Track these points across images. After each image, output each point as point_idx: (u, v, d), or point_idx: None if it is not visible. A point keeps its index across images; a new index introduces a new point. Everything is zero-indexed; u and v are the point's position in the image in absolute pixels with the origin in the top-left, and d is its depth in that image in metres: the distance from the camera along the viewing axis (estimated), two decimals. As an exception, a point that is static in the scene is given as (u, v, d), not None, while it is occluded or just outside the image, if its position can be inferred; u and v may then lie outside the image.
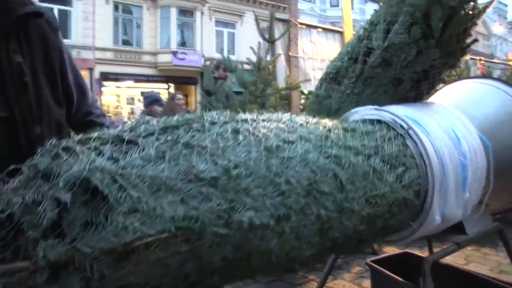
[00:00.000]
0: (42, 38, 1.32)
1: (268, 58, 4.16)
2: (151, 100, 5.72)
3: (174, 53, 23.03)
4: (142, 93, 24.67)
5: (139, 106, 24.66)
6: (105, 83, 22.80)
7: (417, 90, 2.08)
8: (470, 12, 1.96)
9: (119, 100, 24.66)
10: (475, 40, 2.11)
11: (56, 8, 21.13)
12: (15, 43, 1.23)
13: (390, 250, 3.57)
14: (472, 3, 1.95)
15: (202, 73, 24.56)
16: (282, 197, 1.11)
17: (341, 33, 5.22)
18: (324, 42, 4.95)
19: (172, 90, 25.62)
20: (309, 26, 5.14)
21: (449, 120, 1.88)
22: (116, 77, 22.92)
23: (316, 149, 1.29)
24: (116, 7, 23.00)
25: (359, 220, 1.36)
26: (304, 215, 1.18)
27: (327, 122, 1.57)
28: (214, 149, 1.06)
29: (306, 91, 4.55)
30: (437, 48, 1.87)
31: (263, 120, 1.31)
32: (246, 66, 4.84)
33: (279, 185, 1.12)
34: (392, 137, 1.61)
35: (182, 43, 23.91)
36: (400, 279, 2.00)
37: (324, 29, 5.52)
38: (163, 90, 25.40)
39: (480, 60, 8.78)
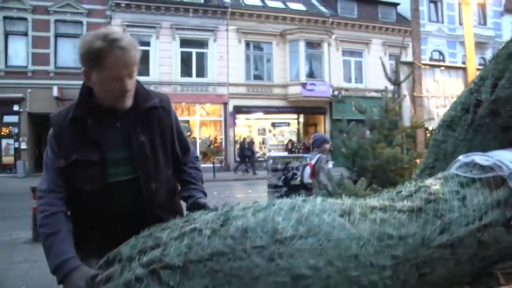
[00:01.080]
0: (158, 121, 1.88)
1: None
2: (321, 141, 6.47)
3: (303, 85, 23.91)
4: (273, 124, 26.01)
5: (270, 136, 25.96)
6: (238, 115, 24.43)
7: (526, 135, 2.32)
8: None
9: (250, 131, 26.11)
10: None
11: (194, 51, 23.71)
12: (140, 128, 1.82)
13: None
14: None
15: (330, 102, 25.20)
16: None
17: (464, 69, 5.29)
18: (447, 79, 5.10)
19: (301, 120, 26.55)
20: (432, 66, 5.34)
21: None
22: (248, 110, 24.46)
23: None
24: (247, 45, 24.81)
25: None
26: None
27: None
28: None
29: (430, 128, 4.76)
30: (541, 99, 2.13)
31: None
32: (373, 94, 5.11)
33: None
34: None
35: (311, 75, 24.71)
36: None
37: (447, 67, 5.64)
38: (292, 121, 26.48)
39: None
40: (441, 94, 5.06)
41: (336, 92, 25.07)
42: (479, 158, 2.10)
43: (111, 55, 1.61)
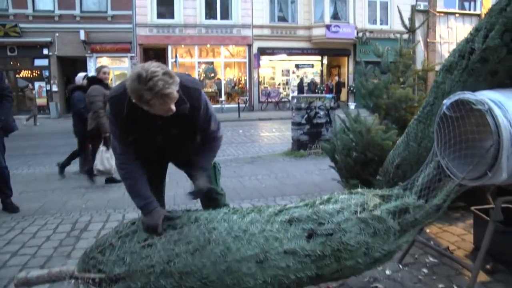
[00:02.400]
0: (187, 117, 2.37)
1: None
2: None
3: (328, 27, 23.76)
4: (296, 65, 26.17)
5: (294, 77, 26.21)
6: (262, 57, 24.63)
7: (512, 79, 2.78)
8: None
9: (274, 72, 26.36)
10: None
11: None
12: (172, 123, 2.34)
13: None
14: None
15: (354, 44, 25.08)
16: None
17: (478, 15, 5.52)
18: (461, 26, 5.37)
19: (325, 61, 26.56)
20: (447, 14, 5.60)
21: (531, 102, 2.57)
22: (272, 51, 24.58)
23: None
24: (272, -14, 24.48)
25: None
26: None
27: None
28: None
29: (442, 72, 5.11)
30: (524, 49, 2.57)
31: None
32: (399, 36, 5.29)
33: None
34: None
35: (335, 16, 24.43)
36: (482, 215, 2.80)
37: (462, 14, 5.87)
38: (316, 62, 26.54)
39: None
40: (453, 40, 5.37)
41: (360, 34, 24.87)
42: (469, 96, 2.59)
43: (157, 102, 2.04)
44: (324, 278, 2.29)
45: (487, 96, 2.53)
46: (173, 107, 2.15)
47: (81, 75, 6.98)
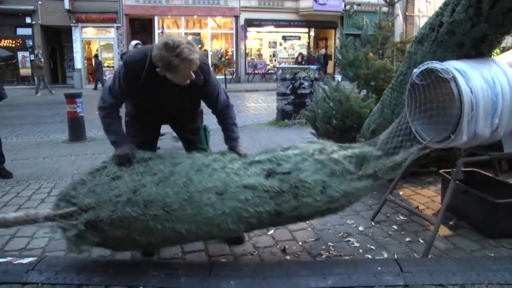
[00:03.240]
0: (199, 87, 2.62)
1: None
2: None
3: (315, -1, 23.69)
4: (284, 37, 26.13)
5: (280, 49, 26.20)
6: (249, 28, 24.53)
7: (477, 50, 2.99)
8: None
9: (261, 44, 26.31)
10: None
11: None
12: (184, 91, 2.59)
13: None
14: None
15: (342, 17, 25.08)
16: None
17: None
18: (439, 0, 5.55)
19: (312, 34, 26.55)
20: (426, -13, 5.77)
21: (492, 71, 2.81)
22: (259, 23, 24.49)
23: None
24: (261, -46, 24.18)
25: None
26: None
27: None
28: None
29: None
30: (486, 23, 2.78)
31: None
32: (385, 9, 5.43)
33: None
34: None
35: (323, -12, 24.31)
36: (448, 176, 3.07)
37: (440, -12, 6.00)
38: (303, 34, 26.52)
39: None
40: (431, 13, 5.54)
41: (347, 7, 24.84)
42: (436, 65, 2.81)
43: (183, 67, 2.30)
44: (284, 216, 2.45)
45: (453, 66, 2.76)
46: (193, 75, 2.41)
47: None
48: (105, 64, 23.33)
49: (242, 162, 2.54)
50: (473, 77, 2.72)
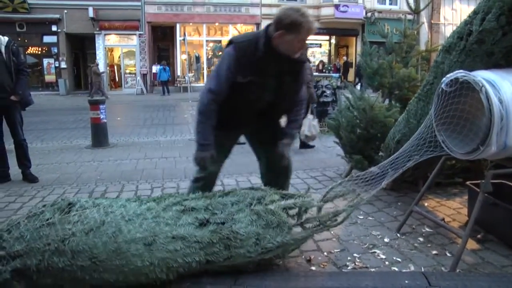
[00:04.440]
0: (298, 70, 2.80)
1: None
2: None
3: (336, 6, 23.64)
4: (304, 45, 26.05)
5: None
6: (270, 36, 24.53)
7: (508, 60, 2.93)
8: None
9: (282, 52, 26.28)
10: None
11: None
12: (287, 69, 2.71)
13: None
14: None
15: (363, 25, 24.97)
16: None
17: None
18: (465, 8, 5.48)
19: (333, 41, 26.45)
20: (452, -5, 5.71)
21: (523, 81, 2.74)
22: (280, 30, 24.47)
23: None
24: (282, -36, 24.28)
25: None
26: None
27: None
28: None
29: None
30: (518, 31, 2.73)
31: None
32: (409, 17, 5.44)
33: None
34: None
35: (344, -4, 24.28)
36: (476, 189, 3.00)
37: (467, -5, 5.98)
38: (324, 42, 26.48)
39: None
40: (457, 21, 5.48)
41: (369, 14, 24.74)
42: (465, 75, 2.76)
43: (307, 26, 2.49)
44: (215, 265, 2.43)
45: (482, 76, 2.70)
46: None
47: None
48: (127, 71, 23.76)
49: (176, 210, 2.52)
50: (503, 88, 2.66)
